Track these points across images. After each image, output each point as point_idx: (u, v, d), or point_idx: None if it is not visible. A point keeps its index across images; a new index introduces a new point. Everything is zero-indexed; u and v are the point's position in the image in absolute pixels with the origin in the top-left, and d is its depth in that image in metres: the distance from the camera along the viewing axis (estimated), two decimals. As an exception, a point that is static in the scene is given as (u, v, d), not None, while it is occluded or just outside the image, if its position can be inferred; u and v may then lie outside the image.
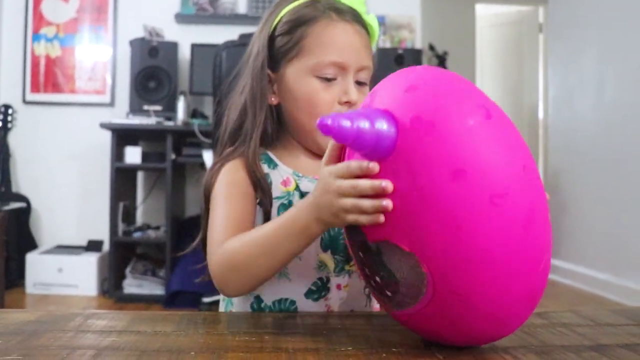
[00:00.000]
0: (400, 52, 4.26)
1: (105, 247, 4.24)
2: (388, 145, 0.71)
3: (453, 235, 0.67)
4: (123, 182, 4.20)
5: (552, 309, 1.01)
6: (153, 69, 4.20)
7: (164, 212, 4.10)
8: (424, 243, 0.69)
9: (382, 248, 0.74)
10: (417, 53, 4.35)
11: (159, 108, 4.17)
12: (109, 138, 4.03)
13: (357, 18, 1.10)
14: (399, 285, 0.74)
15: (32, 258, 4.11)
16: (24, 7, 4.55)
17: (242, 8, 4.60)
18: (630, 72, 4.03)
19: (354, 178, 0.76)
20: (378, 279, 0.77)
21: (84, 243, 4.35)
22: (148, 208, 4.54)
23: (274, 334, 0.84)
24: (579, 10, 4.70)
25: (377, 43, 1.21)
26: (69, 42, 4.58)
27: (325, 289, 1.09)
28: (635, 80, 3.97)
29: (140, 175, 4.57)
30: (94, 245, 4.29)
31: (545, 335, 0.85)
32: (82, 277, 4.08)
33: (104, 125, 4.01)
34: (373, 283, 0.79)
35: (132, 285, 4.07)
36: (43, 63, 4.56)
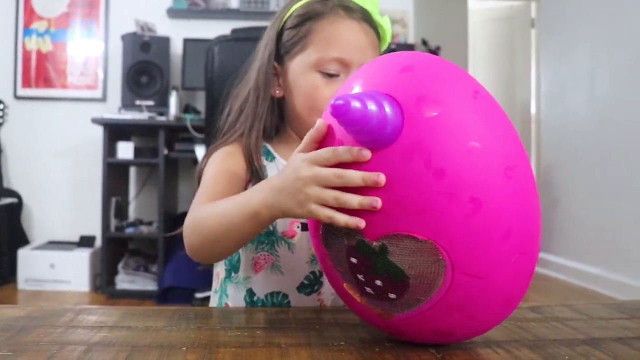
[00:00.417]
0: (393, 47, 4.25)
1: (98, 242, 4.24)
2: (395, 129, 0.67)
3: (474, 213, 0.66)
4: (115, 177, 4.18)
5: (545, 304, 1.01)
6: (145, 64, 4.19)
7: (157, 207, 4.09)
8: (443, 227, 0.66)
9: (387, 245, 0.67)
10: (409, 48, 4.35)
11: (151, 103, 4.16)
12: (101, 133, 4.01)
13: (366, 17, 1.11)
14: (408, 283, 0.68)
15: (24, 254, 4.09)
16: (15, 1, 4.52)
17: (234, 3, 4.58)
18: (622, 67, 4.04)
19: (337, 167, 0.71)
20: (379, 283, 0.70)
21: (76, 239, 4.34)
22: (140, 203, 4.53)
23: (266, 329, 0.83)
24: (571, 6, 4.70)
25: (387, 45, 1.20)
26: (61, 37, 4.56)
27: (318, 283, 1.09)
28: (627, 75, 3.98)
29: (133, 171, 4.56)
30: (86, 241, 4.27)
31: (539, 330, 0.85)
32: (74, 273, 4.07)
33: (96, 121, 3.99)
34: (369, 290, 0.72)
35: (124, 281, 4.06)
36: (34, 58, 4.54)
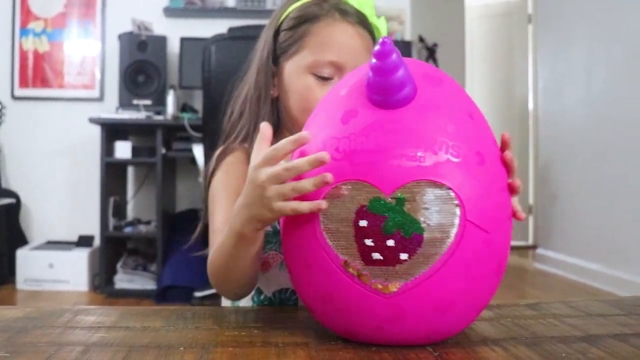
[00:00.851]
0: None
1: (96, 242, 4.23)
2: (414, 90, 0.74)
3: (480, 164, 0.73)
4: (113, 177, 4.18)
5: (544, 300, 1.01)
6: (142, 63, 4.19)
7: (155, 206, 4.08)
8: (457, 173, 0.71)
9: (405, 195, 0.70)
10: (406, 45, 4.34)
11: (149, 102, 4.16)
12: (99, 133, 4.01)
13: (361, 21, 1.12)
14: (422, 237, 0.70)
15: (22, 254, 4.09)
16: (12, 1, 4.51)
17: (231, 1, 4.58)
18: (619, 63, 4.04)
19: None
20: (391, 243, 0.70)
21: (75, 238, 4.33)
22: (138, 203, 4.53)
23: (264, 329, 0.84)
24: (568, 2, 4.70)
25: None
26: (57, 36, 4.55)
27: None
28: (624, 71, 3.98)
29: (131, 170, 4.56)
30: (85, 241, 4.27)
31: (536, 327, 0.85)
32: (73, 272, 4.06)
33: (94, 120, 3.99)
34: (377, 255, 0.71)
35: (123, 281, 4.06)
36: (31, 58, 4.54)
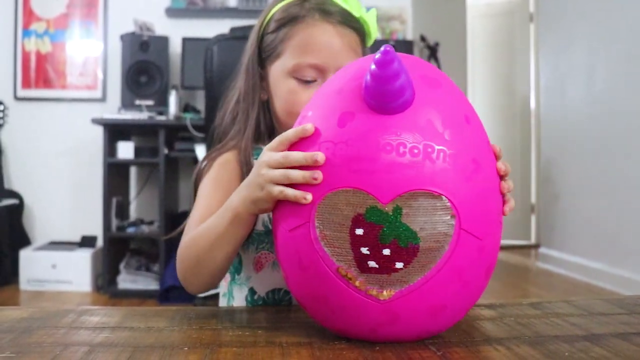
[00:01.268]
0: (392, 43, 4.24)
1: (99, 242, 4.24)
2: (411, 95, 0.73)
3: (473, 172, 0.73)
4: (116, 177, 4.19)
5: (546, 299, 1.01)
6: (144, 64, 4.19)
7: (158, 207, 4.09)
8: (452, 183, 0.71)
9: (402, 205, 0.70)
10: (408, 44, 4.35)
11: (151, 103, 4.16)
12: (101, 133, 4.02)
13: (345, 19, 1.09)
14: (418, 247, 0.70)
15: (25, 255, 4.10)
16: (14, 2, 4.52)
17: (232, 1, 4.58)
18: (621, 61, 4.04)
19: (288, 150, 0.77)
20: (387, 252, 0.70)
21: (78, 239, 4.34)
22: (141, 203, 4.54)
23: (267, 329, 0.84)
24: (570, 0, 4.70)
25: (374, 40, 1.20)
26: (60, 37, 4.56)
27: None
28: (625, 69, 3.97)
29: (133, 170, 4.56)
30: (88, 241, 4.28)
31: (539, 326, 0.85)
32: (76, 273, 4.07)
33: (96, 121, 4.00)
34: (373, 263, 0.71)
35: (126, 281, 4.06)
36: (34, 59, 4.54)
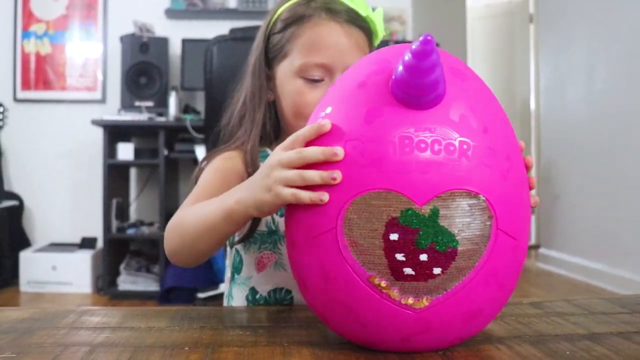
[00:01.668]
0: (392, 44, 4.24)
1: (99, 244, 4.24)
2: (444, 88, 0.69)
3: (509, 170, 0.70)
4: (116, 178, 4.19)
5: (546, 299, 1.01)
6: (144, 65, 4.19)
7: (158, 208, 4.09)
8: (489, 181, 0.68)
9: (439, 207, 0.66)
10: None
11: (151, 104, 4.16)
12: (101, 135, 4.01)
13: (351, 18, 1.09)
14: (456, 251, 0.66)
15: (25, 256, 4.10)
16: (13, 4, 4.52)
17: (232, 2, 4.58)
18: (620, 61, 4.04)
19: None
20: (424, 258, 0.66)
21: (78, 240, 4.34)
22: (141, 204, 4.53)
23: (268, 328, 0.84)
24: (569, 1, 4.70)
25: (380, 39, 1.19)
26: (59, 39, 4.56)
27: None
28: (625, 70, 3.97)
29: (133, 172, 4.56)
30: (88, 243, 4.28)
31: (540, 325, 0.85)
32: (76, 274, 4.07)
33: (96, 122, 4.00)
34: (409, 270, 0.67)
35: (126, 282, 4.06)
36: (33, 60, 4.54)
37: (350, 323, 0.71)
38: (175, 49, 4.44)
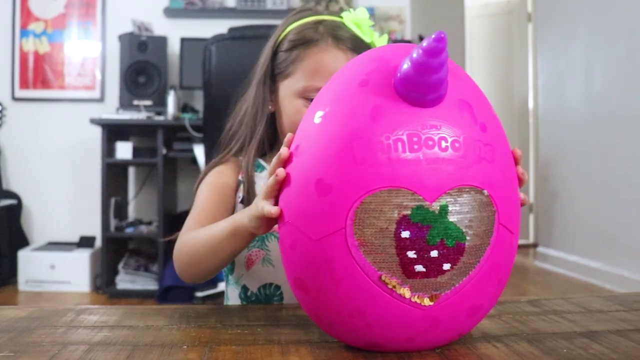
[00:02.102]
0: (390, 43, 4.24)
1: (98, 243, 4.23)
2: (446, 88, 0.70)
3: (504, 166, 0.72)
4: (114, 177, 4.18)
5: (544, 298, 1.01)
6: (142, 64, 4.19)
7: (156, 207, 4.09)
8: (492, 177, 0.70)
9: (449, 203, 0.67)
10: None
11: (149, 103, 4.16)
12: (100, 133, 4.01)
13: (355, 47, 1.13)
14: (464, 246, 0.67)
15: (24, 255, 4.09)
16: (12, 3, 4.51)
17: (230, 1, 4.58)
18: (618, 60, 4.04)
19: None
20: (434, 254, 0.66)
21: (76, 239, 4.34)
22: (140, 203, 4.53)
23: (266, 327, 0.84)
24: (568, 0, 4.70)
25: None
26: (58, 37, 4.56)
27: None
28: (623, 69, 3.98)
29: (132, 171, 4.56)
30: (86, 242, 4.27)
31: (537, 323, 0.85)
32: (74, 273, 4.07)
33: (94, 121, 3.99)
34: (420, 267, 0.67)
35: (125, 281, 4.06)
36: (32, 59, 4.54)
37: (356, 325, 0.70)
38: (174, 48, 4.44)
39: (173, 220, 4.23)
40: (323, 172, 0.69)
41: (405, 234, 0.66)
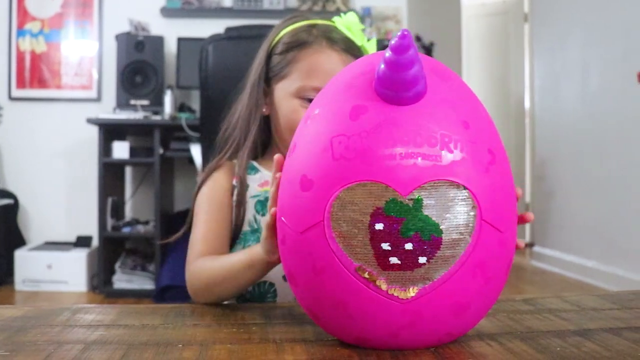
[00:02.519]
0: (387, 43, 4.22)
1: (94, 242, 4.23)
2: (424, 86, 0.71)
3: (491, 163, 0.72)
4: (111, 177, 4.18)
5: (539, 296, 1.01)
6: (139, 64, 4.19)
7: (153, 206, 4.09)
8: (473, 173, 0.70)
9: (422, 197, 0.68)
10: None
11: (146, 102, 4.16)
12: (96, 133, 4.01)
13: (348, 48, 1.18)
14: (441, 240, 0.68)
15: (20, 255, 4.09)
16: (8, 2, 4.51)
17: (227, 1, 4.58)
18: (614, 60, 4.05)
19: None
20: (409, 247, 0.68)
21: (73, 239, 4.34)
22: (137, 203, 4.53)
23: (261, 325, 0.84)
24: (564, 1, 4.71)
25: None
26: (55, 37, 4.55)
27: None
28: (619, 69, 3.99)
29: (129, 170, 4.56)
30: (83, 241, 4.27)
31: (531, 321, 0.86)
32: (71, 273, 4.07)
33: (91, 121, 3.99)
34: (395, 260, 0.68)
35: (121, 281, 4.06)
36: (28, 59, 4.53)
37: (339, 317, 0.73)
38: (171, 48, 4.44)
39: (170, 220, 4.23)
40: (307, 168, 0.73)
41: (379, 226, 0.68)
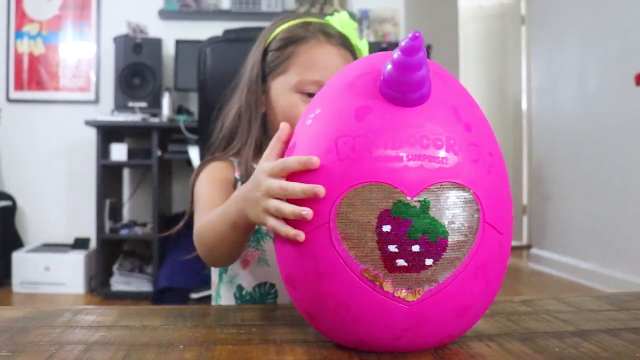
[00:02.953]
0: (384, 46, 4.26)
1: (92, 244, 4.23)
2: (429, 88, 0.72)
3: (492, 165, 0.73)
4: (109, 179, 4.18)
5: (537, 298, 1.02)
6: (137, 66, 4.19)
7: (151, 208, 4.09)
8: (476, 176, 0.71)
9: (429, 199, 0.68)
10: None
11: (144, 105, 4.16)
12: (94, 135, 4.01)
13: (344, 43, 1.19)
14: (447, 242, 0.68)
15: (18, 257, 4.09)
16: (6, 4, 4.51)
17: (225, 4, 4.58)
18: (611, 62, 4.06)
19: (290, 175, 0.74)
20: (416, 249, 0.68)
21: (71, 241, 4.33)
22: (134, 205, 4.53)
23: (262, 326, 0.85)
24: (561, 2, 4.72)
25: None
26: (53, 39, 4.55)
27: None
28: (616, 70, 3.99)
29: (126, 172, 4.55)
30: (81, 243, 4.27)
31: (529, 322, 0.86)
32: (69, 275, 4.06)
33: (89, 123, 3.99)
34: (402, 262, 0.68)
35: (119, 283, 4.06)
36: (26, 61, 4.53)
37: (341, 320, 0.72)
38: (169, 50, 4.44)
39: (168, 222, 4.22)
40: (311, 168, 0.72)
41: (386, 228, 0.68)
